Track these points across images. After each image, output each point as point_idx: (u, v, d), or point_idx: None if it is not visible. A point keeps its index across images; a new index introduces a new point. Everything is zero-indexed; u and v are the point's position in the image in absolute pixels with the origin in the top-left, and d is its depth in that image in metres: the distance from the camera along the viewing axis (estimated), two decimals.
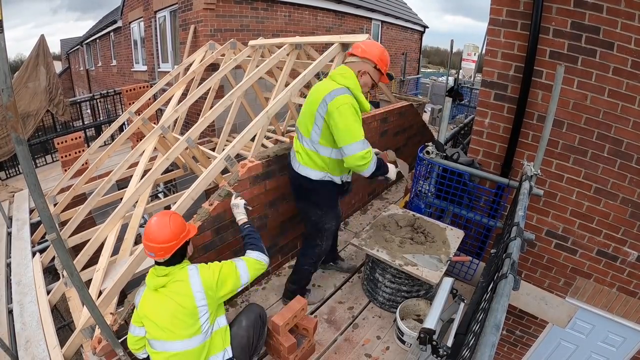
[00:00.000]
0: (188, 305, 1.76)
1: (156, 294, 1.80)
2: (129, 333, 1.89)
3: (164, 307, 1.77)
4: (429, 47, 48.30)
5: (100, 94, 7.61)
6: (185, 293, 1.77)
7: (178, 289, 1.78)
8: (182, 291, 1.77)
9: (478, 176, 2.75)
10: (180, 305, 1.75)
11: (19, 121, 1.23)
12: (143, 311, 1.81)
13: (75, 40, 18.69)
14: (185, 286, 1.78)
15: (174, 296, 1.77)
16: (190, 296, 1.77)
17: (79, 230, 3.49)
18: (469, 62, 9.16)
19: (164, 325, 1.76)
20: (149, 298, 1.83)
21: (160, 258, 1.76)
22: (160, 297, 1.79)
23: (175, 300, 1.76)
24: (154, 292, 1.81)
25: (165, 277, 1.78)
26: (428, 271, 2.24)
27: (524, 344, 3.45)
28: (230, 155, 2.65)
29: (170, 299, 1.76)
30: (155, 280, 1.80)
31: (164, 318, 1.76)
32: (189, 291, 1.77)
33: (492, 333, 0.90)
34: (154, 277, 1.82)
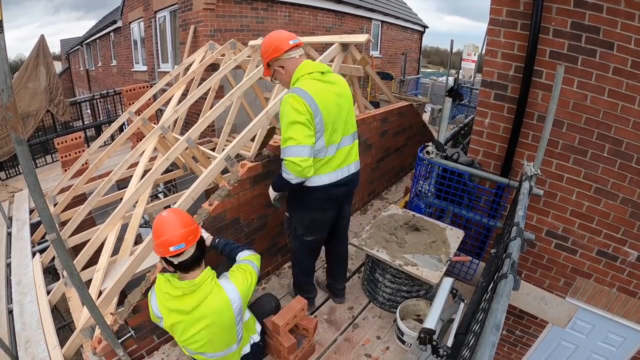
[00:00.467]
0: (227, 321, 1.70)
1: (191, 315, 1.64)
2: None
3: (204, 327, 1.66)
4: (429, 47, 48.29)
5: (100, 94, 7.61)
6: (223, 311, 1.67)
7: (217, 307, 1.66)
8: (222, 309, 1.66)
9: (478, 176, 2.75)
10: (219, 325, 1.68)
11: (19, 121, 1.23)
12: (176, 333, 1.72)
13: (75, 40, 18.70)
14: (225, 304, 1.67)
15: (213, 314, 1.65)
16: (230, 311, 1.69)
17: (79, 230, 3.50)
18: (469, 62, 9.16)
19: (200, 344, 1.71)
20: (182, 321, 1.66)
21: (190, 245, 1.60)
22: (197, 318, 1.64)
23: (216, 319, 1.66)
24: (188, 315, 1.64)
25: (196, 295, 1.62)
26: (428, 271, 2.24)
27: (524, 344, 3.45)
28: (230, 155, 2.66)
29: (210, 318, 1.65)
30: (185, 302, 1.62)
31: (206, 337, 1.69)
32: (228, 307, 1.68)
33: (492, 333, 0.90)
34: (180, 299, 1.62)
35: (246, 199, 2.45)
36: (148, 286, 2.04)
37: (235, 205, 2.38)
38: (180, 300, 1.63)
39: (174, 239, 1.56)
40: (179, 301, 1.63)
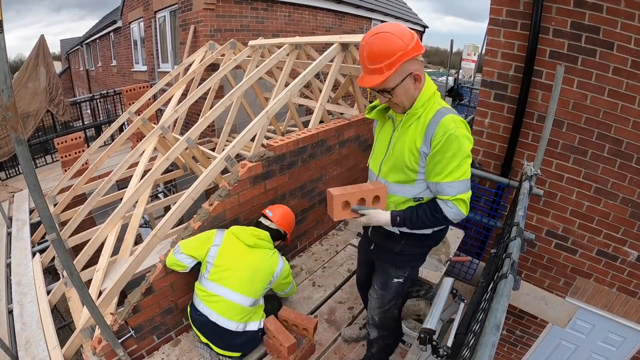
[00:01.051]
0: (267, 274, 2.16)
1: (247, 249, 2.14)
2: (173, 255, 2.09)
3: (249, 262, 2.12)
4: (429, 47, 48.32)
5: (100, 94, 7.61)
6: (271, 265, 2.18)
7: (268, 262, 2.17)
8: (270, 262, 2.18)
9: (478, 176, 2.75)
10: (262, 272, 2.14)
11: (19, 121, 1.23)
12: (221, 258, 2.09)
13: (75, 40, 18.70)
14: (273, 265, 2.19)
15: (262, 263, 2.15)
16: (272, 271, 2.19)
17: (79, 230, 3.50)
18: (469, 62, 9.16)
19: (241, 275, 2.08)
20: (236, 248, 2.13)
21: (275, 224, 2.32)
22: (250, 254, 2.14)
23: (262, 266, 2.14)
24: (244, 246, 2.14)
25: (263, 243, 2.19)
26: (428, 271, 2.24)
27: (524, 343, 3.45)
28: (230, 155, 2.65)
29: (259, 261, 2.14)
30: (253, 239, 2.16)
31: (245, 270, 2.10)
32: (273, 268, 2.19)
33: (492, 333, 0.90)
34: (251, 236, 2.17)
35: (246, 199, 2.45)
36: (148, 286, 2.04)
37: (235, 205, 2.38)
38: (251, 237, 2.17)
39: (274, 213, 2.36)
40: (250, 237, 2.17)
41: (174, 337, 2.30)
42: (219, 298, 2.04)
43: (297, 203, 2.93)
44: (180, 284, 2.21)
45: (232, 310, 2.04)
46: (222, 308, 2.04)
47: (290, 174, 2.74)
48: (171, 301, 2.20)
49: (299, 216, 2.98)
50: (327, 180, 3.21)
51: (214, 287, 2.06)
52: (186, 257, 2.08)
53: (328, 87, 3.40)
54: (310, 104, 4.41)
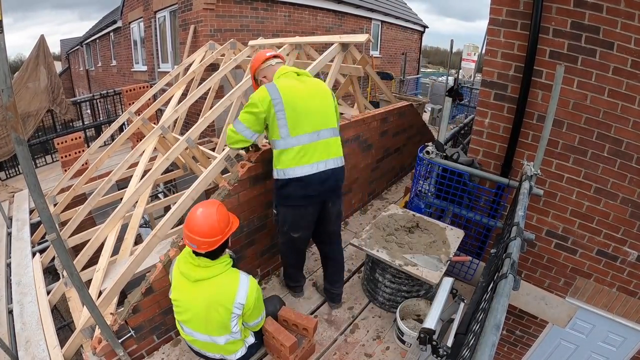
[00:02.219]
0: (225, 309, 1.79)
1: (194, 284, 1.80)
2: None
3: (200, 300, 1.79)
4: (429, 47, 48.32)
5: (100, 94, 7.61)
6: (227, 296, 1.79)
7: (222, 290, 1.80)
8: (225, 293, 1.79)
9: (478, 176, 2.75)
10: (219, 305, 1.78)
11: (19, 121, 1.23)
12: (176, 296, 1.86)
13: (75, 40, 18.70)
14: (231, 291, 1.80)
15: (215, 295, 1.78)
16: (231, 302, 1.79)
17: (79, 231, 3.50)
18: (469, 62, 9.16)
19: (197, 317, 1.82)
20: (184, 286, 1.83)
21: (201, 251, 1.76)
22: (198, 289, 1.80)
23: (215, 299, 1.78)
24: (191, 283, 1.80)
25: (207, 270, 1.79)
26: (428, 271, 2.24)
27: (524, 343, 3.45)
28: (230, 155, 2.65)
29: (210, 294, 1.78)
30: (195, 271, 1.79)
31: (199, 310, 1.80)
32: (232, 297, 1.79)
33: (492, 333, 0.90)
34: (192, 267, 1.80)
35: (246, 199, 2.45)
36: (148, 286, 2.04)
37: (235, 205, 2.37)
38: (191, 268, 1.80)
39: (190, 239, 1.75)
40: (189, 268, 1.80)
41: (174, 337, 2.30)
42: (191, 338, 1.91)
43: None
44: None
45: (214, 347, 1.91)
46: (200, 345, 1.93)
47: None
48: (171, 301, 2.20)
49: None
50: None
51: (184, 328, 1.92)
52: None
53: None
54: None
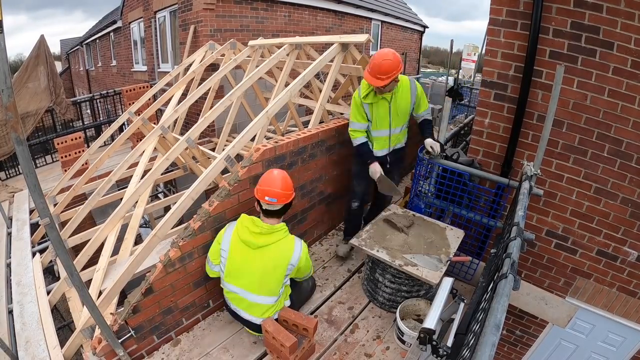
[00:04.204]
0: (281, 271, 2.06)
1: (255, 251, 2.03)
2: (207, 266, 2.21)
3: (259, 264, 2.04)
4: (429, 47, 48.32)
5: (100, 94, 7.61)
6: (284, 259, 2.06)
7: (281, 254, 2.06)
8: (282, 256, 2.06)
9: (478, 176, 2.75)
10: (274, 268, 2.05)
11: (19, 121, 1.23)
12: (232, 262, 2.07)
13: (75, 40, 18.70)
14: (288, 255, 2.07)
15: (275, 259, 2.04)
16: (286, 264, 2.07)
17: (79, 231, 3.50)
18: (469, 62, 9.16)
19: (251, 279, 2.05)
20: (244, 253, 2.05)
21: (280, 204, 2.05)
22: (258, 255, 2.04)
23: (272, 262, 2.04)
24: (252, 250, 2.03)
25: (270, 237, 2.04)
26: (428, 271, 2.24)
27: (524, 343, 3.45)
28: (230, 155, 2.65)
29: (270, 259, 2.04)
30: (258, 239, 2.03)
31: (255, 273, 2.05)
32: (287, 260, 2.07)
33: (492, 333, 0.90)
34: (255, 235, 2.03)
35: (246, 199, 2.44)
36: (148, 286, 2.04)
37: (235, 205, 2.37)
38: (255, 236, 2.04)
39: (272, 193, 2.03)
40: (254, 236, 2.04)
41: (174, 337, 2.30)
42: (240, 297, 2.14)
43: (297, 203, 2.92)
44: (180, 284, 2.21)
45: (256, 308, 2.13)
46: (246, 306, 2.15)
47: (290, 174, 2.72)
48: (171, 301, 2.20)
49: (298, 216, 2.98)
50: (327, 180, 3.21)
51: (232, 288, 2.15)
52: (215, 265, 2.18)
53: (328, 87, 3.40)
54: (310, 104, 4.41)
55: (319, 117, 3.23)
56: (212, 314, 2.51)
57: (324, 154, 3.05)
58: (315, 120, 3.19)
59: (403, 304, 2.34)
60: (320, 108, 3.28)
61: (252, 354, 2.20)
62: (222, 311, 2.54)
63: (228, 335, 2.33)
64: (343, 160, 3.34)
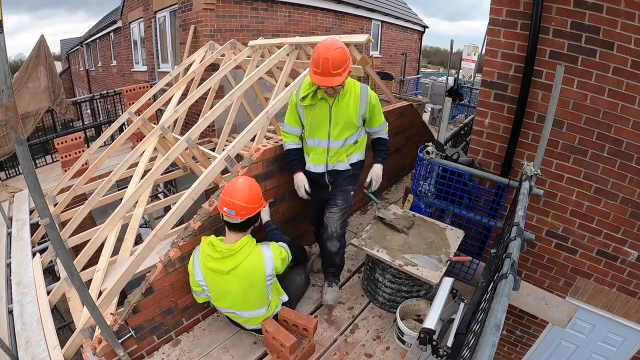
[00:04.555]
0: (260, 285, 1.99)
1: (227, 275, 1.93)
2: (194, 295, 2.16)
3: (236, 285, 1.96)
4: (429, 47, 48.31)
5: (100, 94, 7.60)
6: (259, 270, 1.96)
7: (253, 270, 1.95)
8: (256, 272, 1.96)
9: (478, 176, 2.75)
10: (252, 286, 1.97)
11: (19, 122, 1.23)
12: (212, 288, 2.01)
13: (75, 40, 18.70)
14: (260, 268, 1.97)
15: (247, 278, 1.95)
16: (262, 274, 1.97)
17: (79, 231, 3.50)
18: (469, 62, 9.17)
19: (236, 299, 2.01)
20: (217, 279, 1.97)
21: (239, 217, 1.91)
22: (231, 278, 1.94)
23: (248, 281, 1.96)
24: (224, 275, 1.93)
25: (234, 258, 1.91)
26: (428, 271, 2.24)
27: (524, 343, 3.45)
28: (230, 155, 2.65)
29: (244, 278, 1.94)
30: (224, 264, 1.91)
31: (237, 295, 1.99)
32: (262, 270, 1.97)
33: (493, 333, 0.90)
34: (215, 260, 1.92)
35: None
36: (148, 286, 2.04)
37: None
38: (219, 262, 1.92)
39: (231, 205, 1.90)
40: (218, 263, 1.93)
41: (174, 337, 2.30)
42: (234, 315, 2.16)
43: (297, 203, 2.92)
44: (180, 284, 2.21)
45: (252, 320, 2.14)
46: (243, 321, 2.17)
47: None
48: (171, 301, 2.20)
49: (299, 217, 2.97)
50: None
51: (223, 310, 2.16)
52: (200, 294, 2.14)
53: None
54: None
55: None
56: (212, 314, 2.51)
57: None
58: None
59: (403, 304, 2.34)
60: None
61: (252, 354, 2.20)
62: None
63: (228, 335, 2.33)
64: None
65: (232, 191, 1.93)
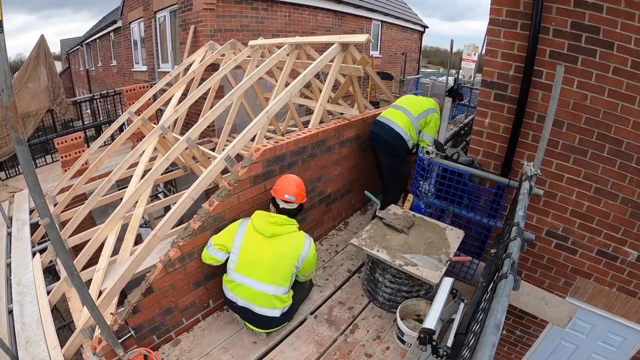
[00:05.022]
0: (292, 261, 2.16)
1: (268, 240, 2.14)
2: (206, 250, 2.19)
3: (271, 252, 2.13)
4: (429, 47, 48.28)
5: (100, 94, 7.61)
6: (296, 250, 2.17)
7: (292, 245, 2.17)
8: (294, 247, 2.17)
9: (478, 176, 2.75)
10: (286, 257, 2.14)
11: (19, 121, 1.23)
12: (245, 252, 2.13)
13: (75, 40, 18.71)
14: (299, 247, 2.18)
15: (286, 249, 2.15)
16: (297, 256, 2.17)
17: (79, 231, 3.49)
18: (469, 62, 9.16)
19: (263, 267, 2.12)
20: (257, 241, 2.14)
21: (297, 202, 2.24)
22: (271, 243, 2.14)
23: (286, 252, 2.15)
24: (266, 238, 2.14)
25: (283, 227, 2.16)
26: (428, 271, 2.24)
27: (524, 343, 3.45)
28: (230, 155, 2.65)
29: (282, 248, 2.14)
30: (272, 228, 2.14)
31: (268, 261, 2.12)
32: (299, 252, 2.17)
33: (492, 333, 0.90)
34: (270, 224, 2.15)
35: (246, 199, 2.45)
36: (148, 286, 2.04)
37: (235, 205, 2.37)
38: (269, 226, 2.15)
39: (292, 191, 2.23)
40: (269, 226, 2.15)
41: (174, 337, 2.30)
42: (247, 288, 2.16)
43: None
44: (180, 284, 2.21)
45: (265, 299, 2.15)
46: (253, 297, 2.17)
47: (290, 174, 2.74)
48: (171, 301, 2.20)
49: (299, 216, 2.98)
50: (327, 180, 3.21)
51: (240, 279, 2.17)
52: (217, 251, 2.18)
53: (328, 87, 3.40)
54: (310, 104, 4.41)
55: (319, 117, 3.23)
56: (212, 314, 2.51)
57: (324, 154, 3.05)
58: (315, 120, 3.19)
59: (403, 304, 2.34)
60: (320, 108, 3.28)
61: (252, 354, 2.20)
62: (222, 311, 2.54)
63: (228, 335, 2.33)
64: (343, 160, 3.34)
65: (288, 182, 2.26)
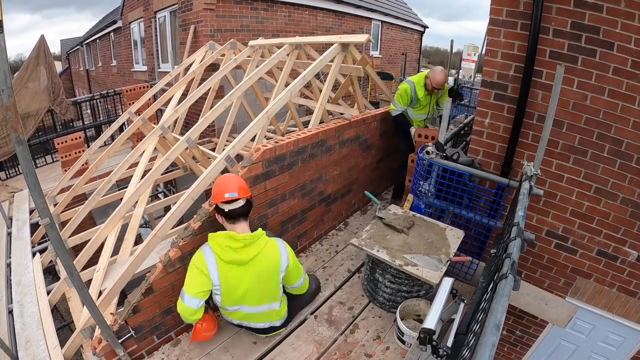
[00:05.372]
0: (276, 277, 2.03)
1: (244, 267, 1.95)
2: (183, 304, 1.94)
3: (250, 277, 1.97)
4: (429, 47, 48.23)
5: (100, 94, 7.60)
6: (275, 264, 2.01)
7: (270, 260, 2.00)
8: (272, 262, 2.01)
9: (478, 176, 2.75)
10: (268, 277, 2.01)
11: (19, 121, 1.23)
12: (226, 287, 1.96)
13: (75, 40, 18.71)
14: (276, 258, 2.02)
15: (265, 266, 1.98)
16: (278, 269, 2.03)
17: (79, 231, 3.50)
18: (469, 62, 9.15)
19: (251, 293, 2.00)
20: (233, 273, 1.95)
21: (242, 197, 1.95)
22: (247, 269, 1.95)
23: (266, 270, 1.99)
24: (241, 267, 1.94)
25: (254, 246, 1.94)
26: (428, 271, 2.24)
27: (524, 344, 3.45)
28: (230, 155, 2.65)
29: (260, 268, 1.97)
30: (244, 253, 1.92)
31: (251, 286, 1.99)
32: (278, 264, 2.02)
33: (492, 333, 0.90)
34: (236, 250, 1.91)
35: None
36: (148, 286, 2.04)
37: None
38: (241, 252, 1.92)
39: (232, 188, 1.95)
40: (239, 253, 1.92)
41: (174, 337, 2.30)
42: (240, 312, 2.11)
43: (297, 203, 2.93)
44: (180, 284, 2.20)
45: (261, 317, 2.14)
46: (248, 317, 2.14)
47: (290, 174, 2.74)
48: (171, 301, 2.20)
49: (299, 216, 2.98)
50: (327, 180, 3.21)
51: (231, 308, 2.09)
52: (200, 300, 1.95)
53: (328, 87, 3.40)
54: (310, 104, 4.41)
55: (319, 117, 3.23)
56: None
57: (324, 154, 3.05)
58: (315, 120, 3.19)
59: (403, 304, 2.34)
60: (320, 108, 3.28)
61: (252, 354, 2.20)
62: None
63: (228, 335, 2.33)
64: (343, 160, 3.34)
65: (222, 182, 2.00)
